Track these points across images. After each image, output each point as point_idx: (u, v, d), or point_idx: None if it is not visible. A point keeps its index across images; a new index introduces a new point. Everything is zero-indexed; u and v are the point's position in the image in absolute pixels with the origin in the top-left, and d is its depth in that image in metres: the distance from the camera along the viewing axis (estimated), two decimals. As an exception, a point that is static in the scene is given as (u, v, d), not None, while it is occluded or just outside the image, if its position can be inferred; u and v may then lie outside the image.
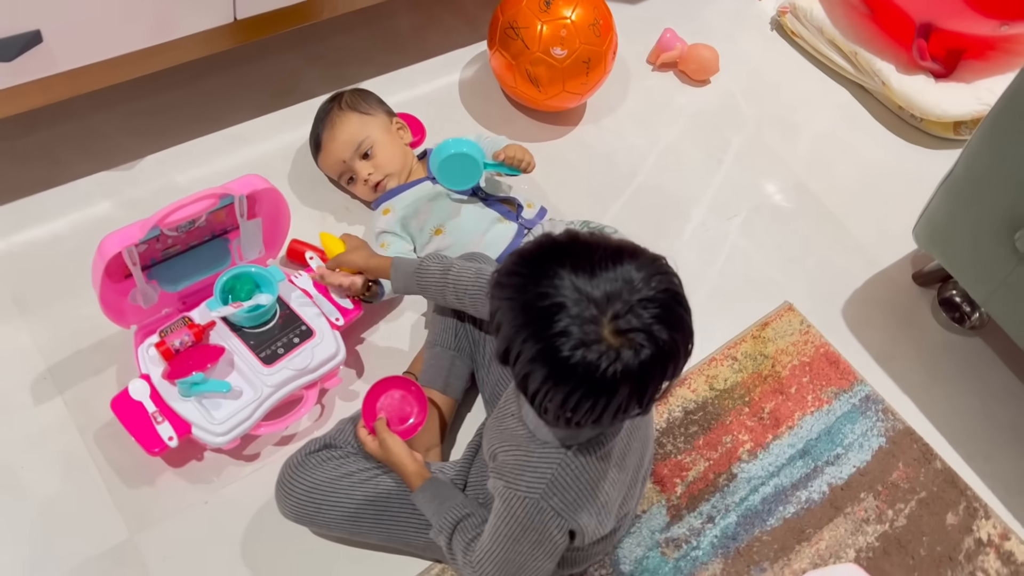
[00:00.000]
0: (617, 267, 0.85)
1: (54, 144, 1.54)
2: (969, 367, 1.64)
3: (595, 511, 1.00)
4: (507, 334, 0.87)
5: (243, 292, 1.32)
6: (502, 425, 1.07)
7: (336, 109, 1.52)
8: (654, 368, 0.84)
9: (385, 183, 1.52)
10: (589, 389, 0.84)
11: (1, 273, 1.40)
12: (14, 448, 1.26)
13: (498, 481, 1.02)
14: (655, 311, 0.84)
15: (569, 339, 0.82)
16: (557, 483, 0.98)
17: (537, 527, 0.99)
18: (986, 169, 1.41)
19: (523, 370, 0.86)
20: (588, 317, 0.82)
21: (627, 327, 0.83)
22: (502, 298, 0.89)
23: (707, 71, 1.91)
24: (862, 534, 1.41)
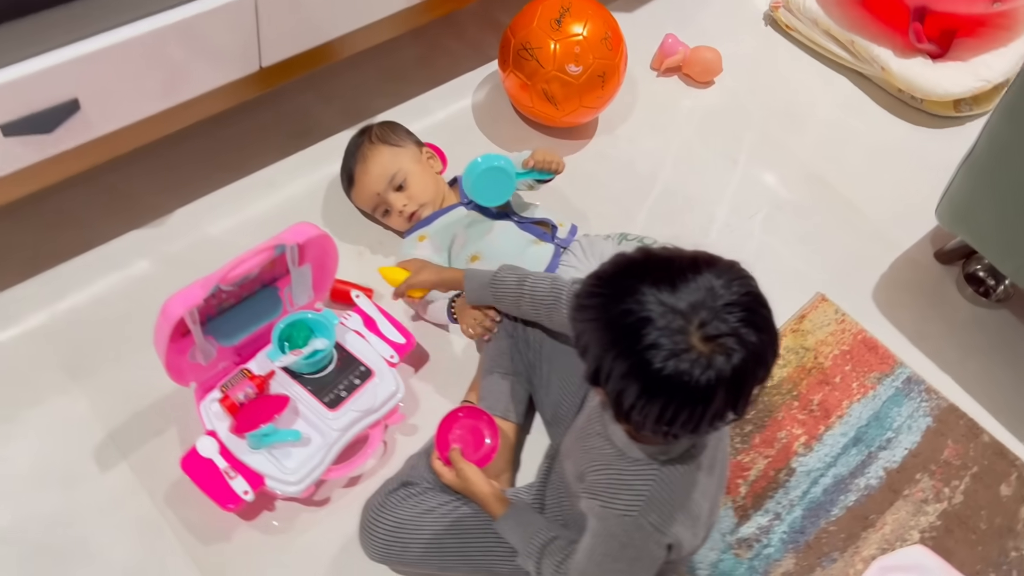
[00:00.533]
0: (697, 277, 0.86)
1: (80, 208, 1.53)
2: (1000, 339, 1.68)
3: (690, 523, 1.02)
4: (596, 354, 0.88)
5: (300, 339, 1.32)
6: (587, 445, 1.08)
7: (367, 143, 1.53)
8: (747, 371, 0.85)
9: (420, 213, 1.52)
10: (685, 399, 0.85)
11: (48, 343, 1.39)
12: (88, 519, 1.25)
13: (592, 501, 1.03)
14: (740, 314, 0.85)
15: (659, 351, 0.83)
16: (654, 500, 0.99)
17: (636, 544, 1.00)
18: (1008, 144, 1.45)
19: (616, 387, 0.87)
20: (676, 328, 0.83)
21: (715, 333, 0.84)
22: (586, 320, 0.90)
23: (711, 72, 1.93)
24: (923, 515, 1.44)
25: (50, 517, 1.25)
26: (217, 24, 1.26)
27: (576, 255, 1.50)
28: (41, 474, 1.28)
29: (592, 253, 1.50)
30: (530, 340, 1.37)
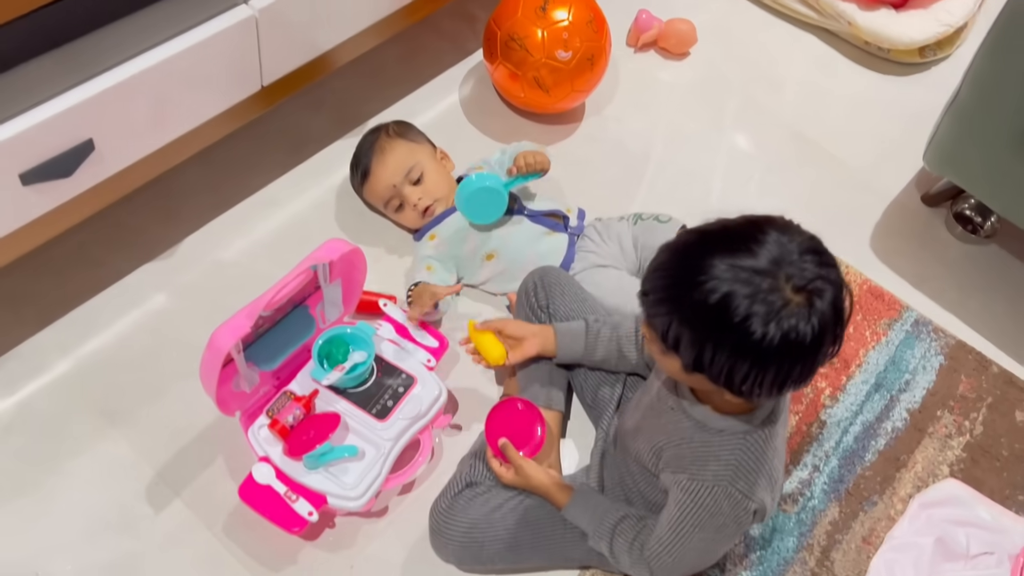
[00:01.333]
0: (765, 236, 0.88)
1: (88, 247, 1.50)
2: (994, 272, 1.75)
3: (770, 487, 1.06)
4: (691, 343, 0.90)
5: (339, 355, 1.32)
6: (660, 421, 1.10)
7: (384, 136, 1.54)
8: (840, 304, 0.89)
9: (434, 208, 1.53)
10: (797, 355, 0.87)
11: (78, 390, 1.37)
12: (151, 561, 1.24)
13: (678, 475, 1.06)
14: (814, 257, 0.88)
15: (755, 319, 0.85)
16: (741, 467, 1.02)
17: (725, 512, 1.03)
18: (992, 86, 1.50)
19: (724, 368, 0.89)
20: (766, 288, 0.85)
21: (804, 281, 0.86)
22: (666, 314, 0.91)
23: (687, 44, 1.96)
24: (949, 449, 1.50)
25: (113, 564, 1.23)
26: (220, 47, 1.24)
27: (593, 240, 1.52)
28: (96, 523, 1.26)
29: (609, 236, 1.52)
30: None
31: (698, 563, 1.14)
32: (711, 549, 1.09)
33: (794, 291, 0.86)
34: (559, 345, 1.31)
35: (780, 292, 0.85)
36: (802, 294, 0.86)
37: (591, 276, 1.46)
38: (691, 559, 1.10)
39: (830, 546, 1.37)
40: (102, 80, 1.14)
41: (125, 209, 1.52)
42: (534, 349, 1.31)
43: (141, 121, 1.22)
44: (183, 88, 1.24)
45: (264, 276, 1.38)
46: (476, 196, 1.47)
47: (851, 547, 1.37)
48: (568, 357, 1.32)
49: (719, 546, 1.09)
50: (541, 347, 1.31)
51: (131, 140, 1.23)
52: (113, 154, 1.22)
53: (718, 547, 1.09)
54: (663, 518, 1.09)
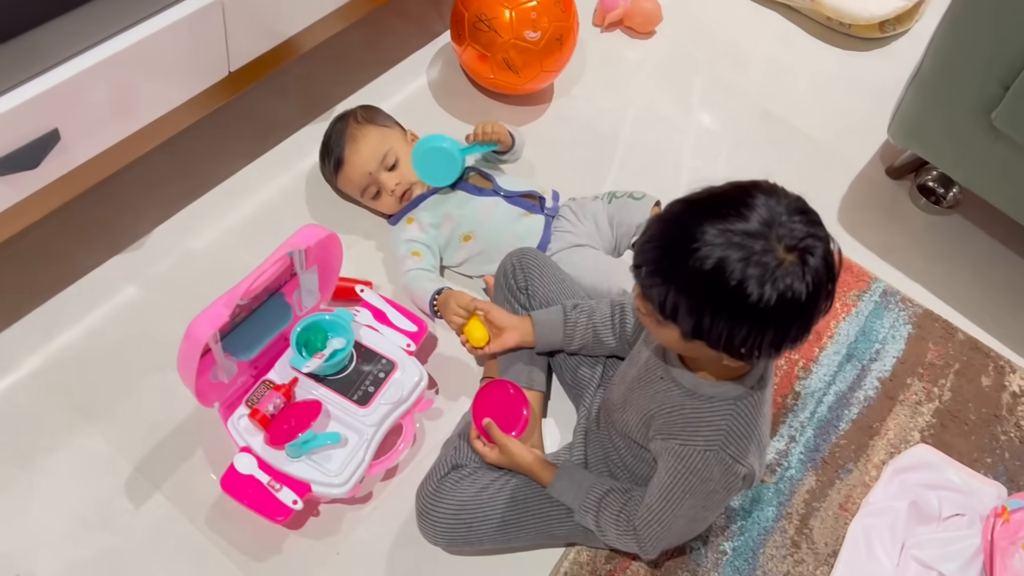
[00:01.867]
0: (754, 200, 0.89)
1: (53, 241, 1.47)
2: (957, 242, 1.79)
3: (759, 452, 1.08)
4: (688, 311, 0.90)
5: (317, 342, 1.31)
6: (650, 391, 1.11)
7: (354, 123, 1.52)
8: (831, 259, 0.90)
9: (411, 192, 1.52)
10: (794, 313, 0.88)
11: (50, 385, 1.34)
12: (135, 556, 1.23)
13: (669, 442, 1.07)
14: (801, 216, 0.89)
15: (750, 282, 0.86)
16: (732, 432, 1.04)
17: (715, 478, 1.05)
18: (953, 59, 1.53)
19: (723, 333, 0.90)
20: (759, 250, 0.86)
21: (795, 241, 0.87)
22: (663, 284, 0.91)
23: (652, 22, 1.97)
24: (919, 415, 1.53)
25: (95, 560, 1.22)
26: (186, 33, 1.22)
27: (568, 219, 1.52)
28: (76, 519, 1.24)
29: (584, 215, 1.53)
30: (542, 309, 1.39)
31: (685, 532, 1.15)
32: (699, 517, 1.11)
33: (787, 251, 0.87)
34: (537, 336, 1.32)
35: (773, 253, 0.86)
36: (795, 253, 0.87)
37: (568, 256, 1.46)
38: (679, 527, 1.12)
39: (808, 514, 1.40)
40: (67, 68, 1.11)
41: (92, 201, 1.49)
42: (513, 341, 1.32)
43: (108, 110, 1.20)
44: (150, 75, 1.22)
45: (236, 265, 1.37)
46: (430, 155, 1.47)
47: (828, 514, 1.40)
48: (547, 347, 1.34)
49: (708, 513, 1.11)
50: (520, 338, 1.33)
51: (98, 129, 1.21)
52: (80, 144, 1.19)
53: (707, 514, 1.11)
54: (653, 486, 1.11)
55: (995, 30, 1.44)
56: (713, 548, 1.33)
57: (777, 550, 1.35)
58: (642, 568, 1.29)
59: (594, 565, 1.29)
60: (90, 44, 1.13)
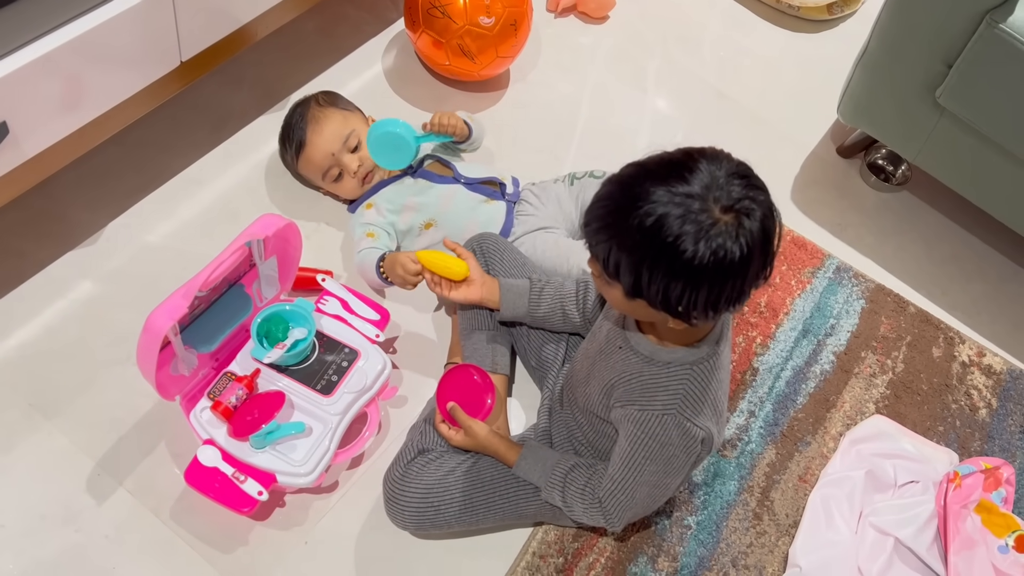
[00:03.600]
0: (698, 165, 0.91)
1: (6, 237, 1.44)
2: (906, 218, 1.83)
3: (716, 417, 1.10)
4: (629, 267, 0.93)
5: (279, 332, 1.30)
6: (610, 361, 1.13)
7: (316, 106, 1.52)
8: (769, 226, 0.92)
9: (372, 175, 1.52)
10: (727, 274, 0.90)
11: (8, 383, 1.32)
12: (99, 552, 1.21)
13: (628, 408, 1.09)
14: (742, 181, 0.91)
15: (686, 238, 0.88)
16: (688, 395, 1.06)
17: (674, 441, 1.07)
18: (898, 39, 1.57)
19: (660, 289, 0.92)
20: (696, 209, 0.88)
21: (731, 202, 0.89)
22: (606, 240, 0.94)
23: (606, 7, 1.98)
24: (874, 387, 1.57)
25: (58, 559, 1.20)
26: (135, 21, 1.20)
27: (531, 203, 1.53)
28: (37, 517, 1.23)
29: (547, 199, 1.54)
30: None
31: (648, 501, 1.17)
32: (662, 483, 1.13)
33: (722, 211, 0.89)
34: (503, 301, 1.33)
35: (709, 212, 0.89)
36: (730, 213, 0.89)
37: (530, 240, 1.47)
38: (643, 496, 1.14)
39: (769, 487, 1.43)
40: (14, 59, 1.09)
41: (43, 195, 1.47)
42: (477, 295, 1.33)
43: (58, 101, 1.18)
44: (100, 65, 1.20)
45: (194, 257, 1.36)
46: (384, 139, 1.47)
47: (789, 486, 1.43)
48: (511, 313, 1.34)
49: (669, 480, 1.13)
50: (486, 295, 1.33)
51: (48, 121, 1.19)
52: (30, 137, 1.17)
53: (668, 480, 1.13)
54: (614, 456, 1.13)
55: (938, 10, 1.47)
56: (677, 523, 1.36)
57: (740, 523, 1.38)
58: (609, 545, 1.31)
59: (562, 543, 1.30)
60: (38, 34, 1.10)
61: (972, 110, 1.51)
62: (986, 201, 1.65)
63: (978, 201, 1.66)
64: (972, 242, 1.81)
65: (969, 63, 1.46)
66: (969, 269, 1.77)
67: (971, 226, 1.82)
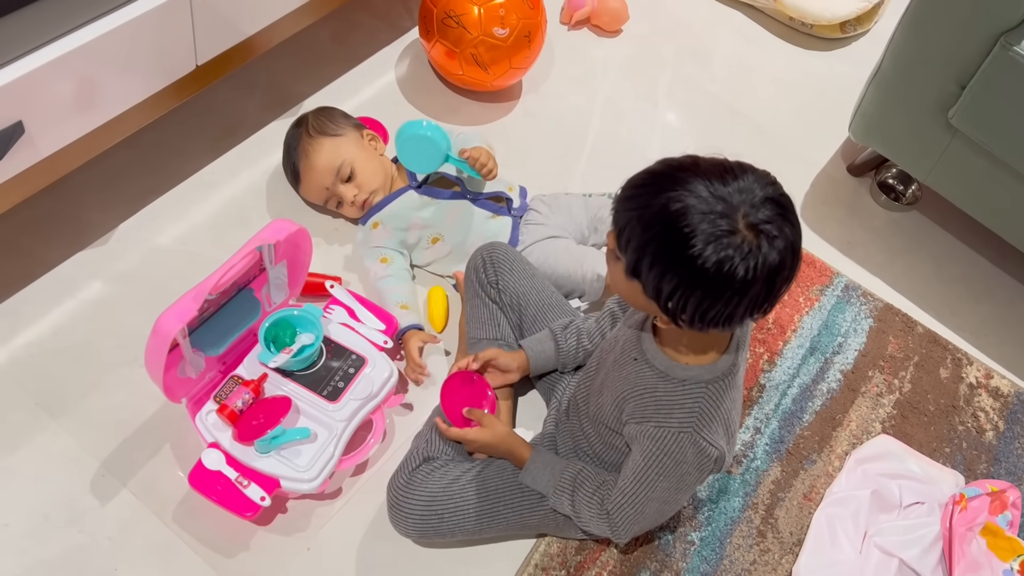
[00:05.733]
0: (742, 176, 0.91)
1: (17, 236, 1.45)
2: (916, 238, 1.83)
3: (728, 436, 1.10)
4: (637, 245, 0.93)
5: (286, 337, 1.30)
6: (624, 372, 1.12)
7: (306, 137, 1.50)
8: (784, 262, 0.91)
9: (371, 199, 1.51)
10: (723, 288, 0.90)
11: (16, 382, 1.32)
12: (101, 553, 1.21)
13: (644, 424, 1.09)
14: (777, 209, 0.91)
15: (699, 236, 0.88)
16: (704, 415, 1.06)
17: (689, 460, 1.07)
18: (911, 60, 1.57)
19: (657, 277, 0.92)
20: (719, 211, 0.88)
21: (757, 220, 0.89)
22: (630, 210, 0.94)
23: (619, 21, 1.99)
24: (880, 407, 1.57)
25: (60, 559, 1.20)
26: (154, 25, 1.21)
27: (540, 212, 1.53)
28: (41, 518, 1.22)
29: (557, 208, 1.54)
30: (512, 303, 1.40)
31: (657, 516, 1.17)
32: (671, 499, 1.13)
33: (746, 226, 0.89)
34: (533, 368, 1.35)
35: (731, 220, 0.88)
36: (752, 231, 0.89)
37: (540, 248, 1.47)
38: (652, 511, 1.13)
39: (774, 504, 1.42)
40: (31, 60, 1.09)
41: (55, 196, 1.47)
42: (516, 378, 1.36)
43: (73, 103, 1.18)
44: (116, 68, 1.21)
45: (204, 260, 1.37)
46: (416, 142, 1.44)
47: (793, 504, 1.43)
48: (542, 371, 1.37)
49: (679, 495, 1.13)
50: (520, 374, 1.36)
51: (63, 122, 1.19)
52: (45, 137, 1.17)
53: (678, 496, 1.13)
54: (627, 469, 1.12)
55: (952, 31, 1.47)
56: (681, 538, 1.35)
57: (743, 539, 1.38)
58: (612, 559, 1.31)
59: (564, 556, 1.30)
60: (56, 36, 1.11)
61: (984, 132, 1.51)
62: (997, 222, 1.65)
63: (988, 222, 1.66)
64: (982, 263, 1.80)
65: (982, 85, 1.46)
66: (978, 290, 1.77)
67: (981, 247, 1.82)
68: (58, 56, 1.11)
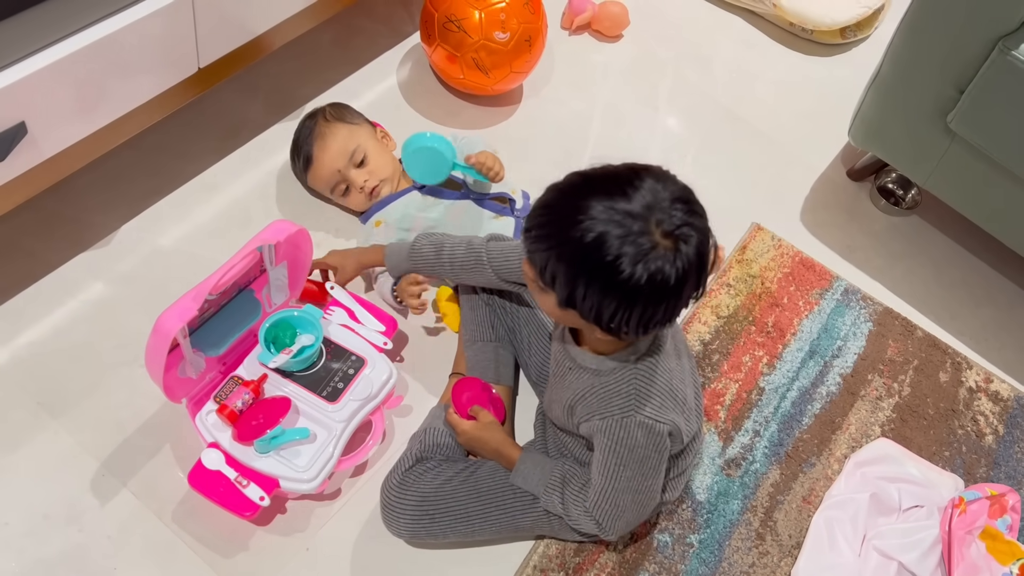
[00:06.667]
0: (641, 183, 0.93)
1: (19, 237, 1.46)
2: (915, 242, 1.83)
3: (679, 408, 1.11)
4: (565, 280, 0.94)
5: (286, 338, 1.31)
6: (565, 382, 1.15)
7: (322, 121, 1.52)
8: (704, 251, 0.94)
9: (380, 189, 1.52)
10: (661, 296, 0.92)
11: (17, 382, 1.33)
12: (101, 552, 1.21)
13: (593, 421, 1.10)
14: (683, 206, 0.93)
15: (625, 259, 0.90)
16: (641, 393, 1.08)
17: (641, 443, 1.08)
18: (910, 64, 1.57)
19: (594, 305, 0.94)
20: (637, 230, 0.90)
21: (672, 227, 0.91)
22: (545, 250, 0.95)
23: (620, 26, 2.00)
24: (880, 410, 1.57)
25: (60, 559, 1.20)
26: (156, 27, 1.22)
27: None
28: (41, 517, 1.23)
29: None
30: (507, 306, 1.40)
31: (636, 507, 1.17)
32: (642, 487, 1.13)
33: (663, 235, 0.91)
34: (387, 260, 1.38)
35: (649, 235, 0.90)
36: (670, 239, 0.91)
37: None
38: (627, 501, 1.14)
39: (773, 507, 1.42)
40: (34, 61, 1.10)
41: (58, 197, 1.48)
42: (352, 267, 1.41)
43: (76, 104, 1.19)
44: (119, 69, 1.21)
45: (205, 262, 1.37)
46: (423, 153, 1.46)
47: (792, 507, 1.43)
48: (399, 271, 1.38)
49: (649, 481, 1.13)
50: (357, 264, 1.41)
51: (66, 123, 1.20)
52: (47, 138, 1.18)
53: (648, 483, 1.13)
54: (593, 467, 1.14)
55: (950, 35, 1.48)
56: (680, 540, 1.35)
57: (742, 542, 1.38)
58: (610, 561, 1.31)
59: (563, 558, 1.30)
60: (59, 37, 1.12)
61: (983, 136, 1.52)
62: (996, 227, 1.65)
63: (988, 227, 1.66)
64: (981, 268, 1.81)
65: (981, 89, 1.47)
66: (978, 294, 1.77)
67: (981, 252, 1.82)
68: (61, 58, 1.12)
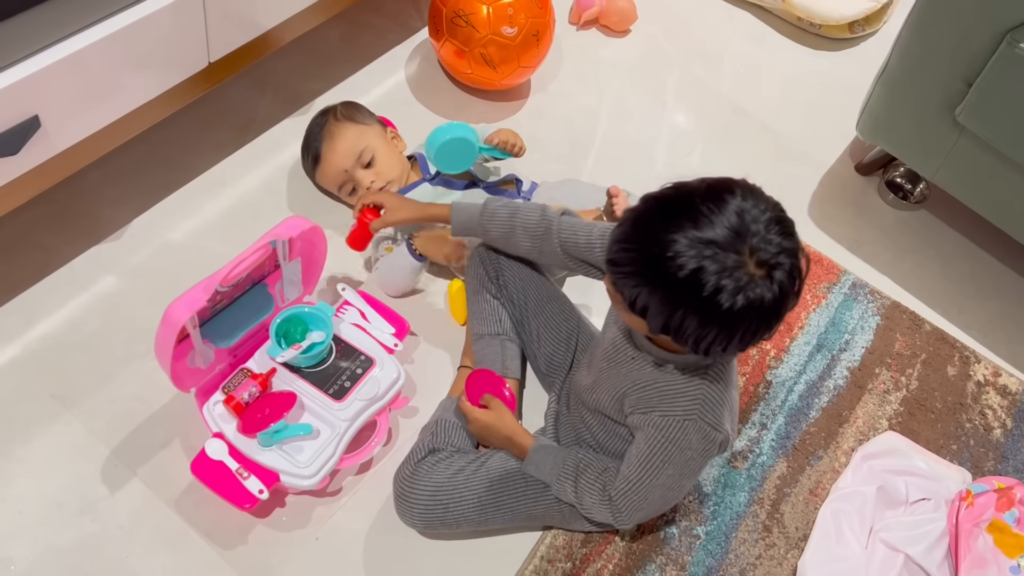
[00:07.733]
0: (726, 203, 0.90)
1: (31, 231, 1.47)
2: (924, 236, 1.83)
3: (732, 418, 1.12)
4: (659, 312, 0.94)
5: (297, 334, 1.32)
6: (622, 370, 1.14)
7: (333, 120, 1.53)
8: (797, 268, 0.94)
9: (387, 190, 1.53)
10: (762, 320, 0.93)
11: (30, 373, 1.34)
12: (113, 540, 1.23)
13: (649, 414, 1.10)
14: (777, 227, 0.91)
15: (724, 293, 0.89)
16: (708, 401, 1.08)
17: (694, 446, 1.09)
18: (918, 58, 1.57)
19: (693, 334, 0.94)
20: (732, 264, 0.89)
21: (768, 256, 0.90)
22: (635, 286, 0.94)
23: (627, 21, 2.00)
24: (887, 404, 1.57)
25: (73, 546, 1.22)
26: (167, 22, 1.23)
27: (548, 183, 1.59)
28: (54, 505, 1.24)
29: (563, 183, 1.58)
30: (514, 299, 1.40)
31: (661, 502, 1.18)
32: (676, 485, 1.14)
33: (757, 265, 0.90)
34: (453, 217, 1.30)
35: (745, 268, 0.90)
36: (764, 268, 0.91)
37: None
38: (656, 496, 1.14)
39: (779, 499, 1.42)
40: (47, 55, 1.12)
41: (69, 191, 1.49)
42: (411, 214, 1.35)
43: (89, 97, 1.20)
44: (130, 63, 1.23)
45: (215, 256, 1.38)
46: (450, 146, 1.47)
47: (799, 499, 1.43)
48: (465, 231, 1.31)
49: (684, 481, 1.14)
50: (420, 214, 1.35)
51: (78, 117, 1.22)
52: (60, 131, 1.20)
53: (683, 482, 1.14)
54: (631, 457, 1.13)
55: (957, 29, 1.48)
56: (686, 532, 1.36)
57: (749, 534, 1.38)
58: (617, 552, 1.32)
59: (570, 548, 1.31)
60: (72, 32, 1.13)
61: (991, 129, 1.52)
62: (1004, 221, 1.65)
63: (996, 220, 1.66)
64: (990, 261, 1.80)
65: (989, 82, 1.47)
66: (986, 288, 1.77)
67: (989, 245, 1.82)
68: (73, 52, 1.13)
